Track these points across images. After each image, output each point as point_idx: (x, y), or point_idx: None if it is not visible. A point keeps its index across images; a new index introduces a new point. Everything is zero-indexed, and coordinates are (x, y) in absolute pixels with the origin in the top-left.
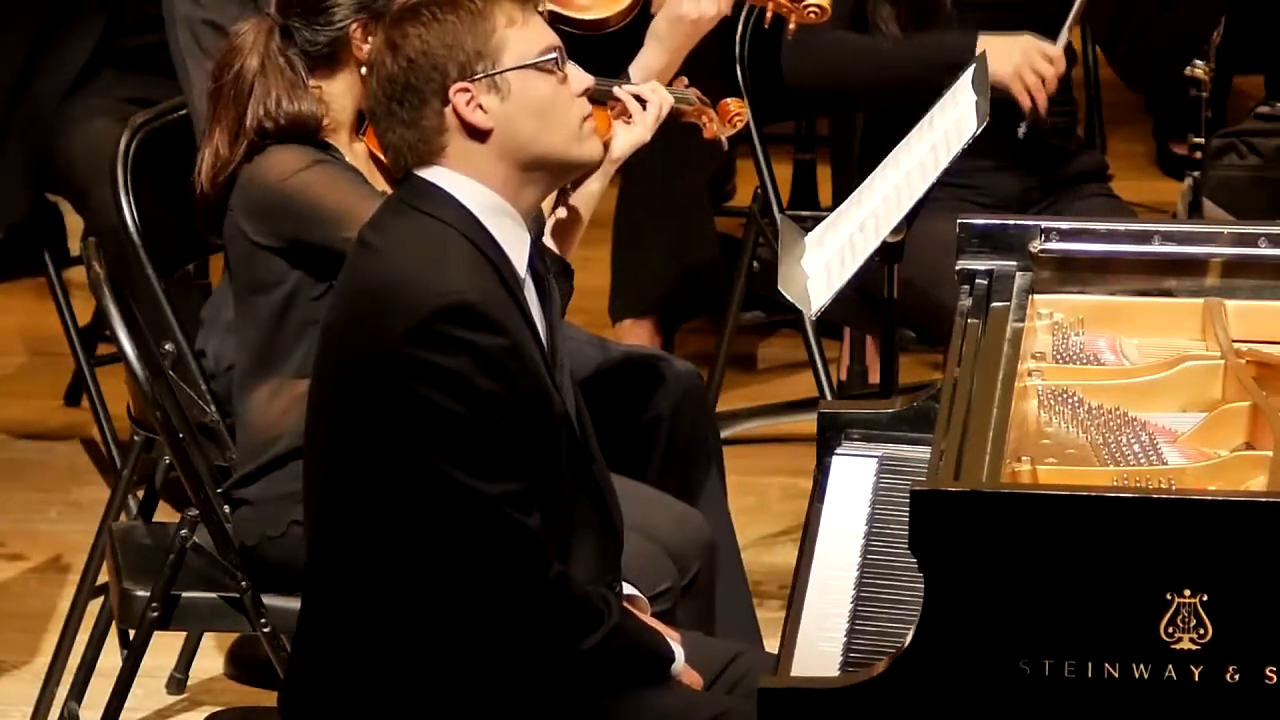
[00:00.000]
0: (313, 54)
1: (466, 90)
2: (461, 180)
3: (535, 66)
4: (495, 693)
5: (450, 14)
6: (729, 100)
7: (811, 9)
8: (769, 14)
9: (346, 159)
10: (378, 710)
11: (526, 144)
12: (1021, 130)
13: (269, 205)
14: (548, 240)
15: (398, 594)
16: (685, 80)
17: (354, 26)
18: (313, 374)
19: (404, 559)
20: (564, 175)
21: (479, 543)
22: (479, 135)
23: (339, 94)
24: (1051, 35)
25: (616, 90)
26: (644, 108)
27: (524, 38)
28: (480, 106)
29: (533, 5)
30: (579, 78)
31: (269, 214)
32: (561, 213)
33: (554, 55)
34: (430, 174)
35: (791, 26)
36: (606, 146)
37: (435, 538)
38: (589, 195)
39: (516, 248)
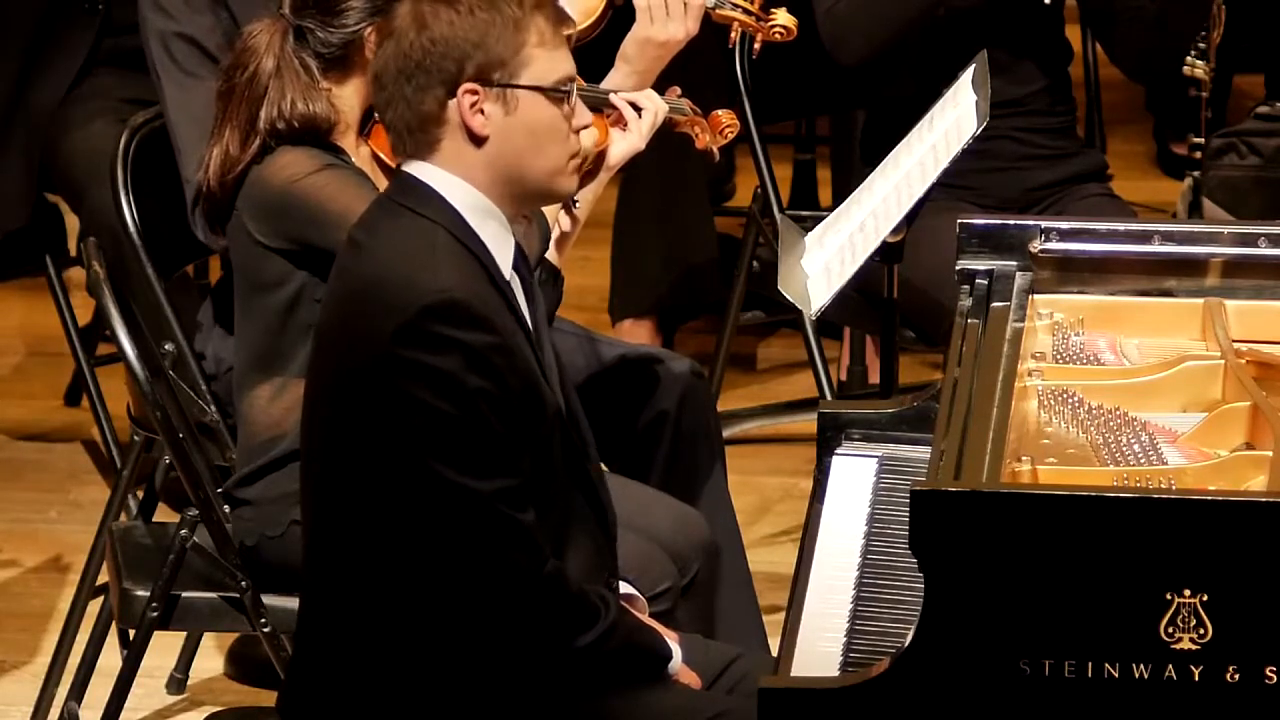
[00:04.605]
0: (326, 56)
1: (475, 92)
2: (451, 179)
3: (550, 92)
4: (492, 691)
5: (488, 12)
6: (720, 112)
7: (778, 29)
8: (734, 33)
9: (355, 162)
10: (376, 710)
11: (514, 161)
12: None
13: (277, 207)
14: (551, 251)
15: (394, 593)
16: (678, 90)
17: (368, 30)
18: (307, 374)
19: (400, 558)
20: (534, 202)
21: (474, 540)
22: (476, 140)
23: (348, 96)
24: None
25: (613, 98)
26: (639, 116)
27: (548, 61)
28: (482, 111)
29: (564, 31)
30: (581, 115)
31: (277, 215)
32: (565, 221)
33: (570, 87)
34: (420, 170)
35: (757, 46)
36: (603, 153)
37: (430, 536)
38: (584, 202)
39: (501, 249)
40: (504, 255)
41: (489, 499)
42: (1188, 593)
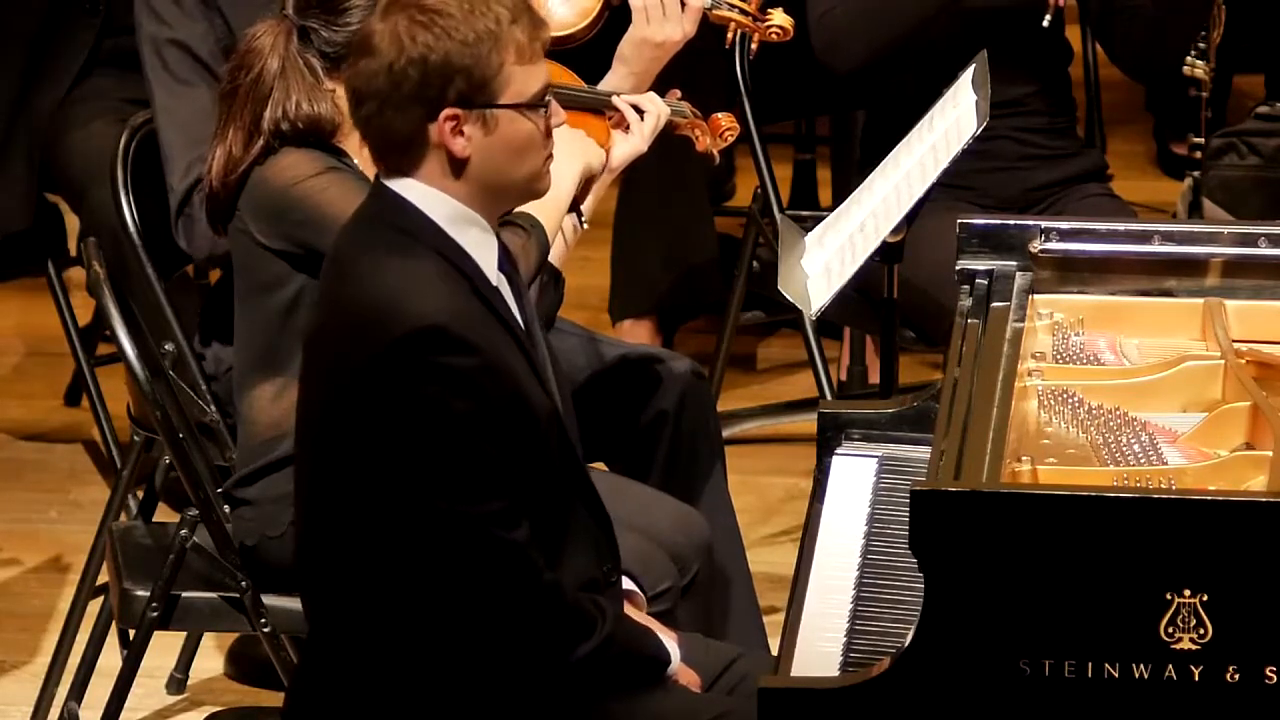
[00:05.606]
0: (330, 55)
1: (455, 117)
2: (430, 193)
3: (528, 107)
4: (494, 704)
5: (465, 33)
6: (720, 115)
7: (774, 29)
8: (731, 34)
9: (357, 164)
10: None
11: (494, 174)
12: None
13: (277, 208)
14: (554, 256)
15: (392, 609)
16: (679, 93)
17: None
18: (299, 387)
19: (396, 580)
20: (513, 205)
21: (468, 564)
22: (457, 159)
23: None
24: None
25: (615, 100)
26: (642, 118)
27: (526, 76)
28: (462, 133)
29: (540, 39)
30: (555, 115)
31: (277, 216)
32: (569, 230)
33: (548, 99)
34: (399, 186)
35: (754, 46)
36: (606, 156)
37: (424, 561)
38: (587, 207)
39: (485, 254)
40: (488, 259)
41: (481, 523)
42: (1188, 593)
